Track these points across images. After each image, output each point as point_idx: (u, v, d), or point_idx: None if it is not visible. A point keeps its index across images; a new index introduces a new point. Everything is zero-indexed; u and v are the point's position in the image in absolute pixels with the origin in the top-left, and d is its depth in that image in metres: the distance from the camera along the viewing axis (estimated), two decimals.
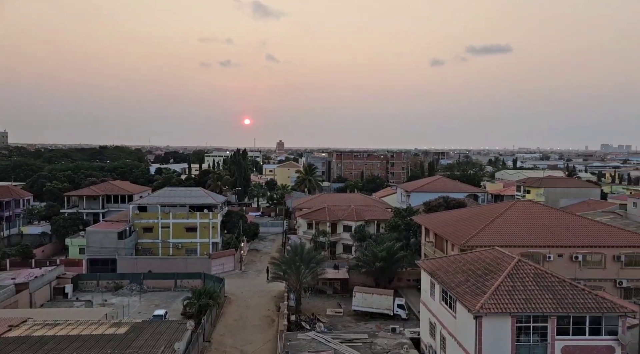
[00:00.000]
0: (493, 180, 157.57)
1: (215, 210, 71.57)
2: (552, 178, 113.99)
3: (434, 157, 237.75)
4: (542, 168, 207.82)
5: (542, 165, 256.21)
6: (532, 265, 30.20)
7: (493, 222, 46.41)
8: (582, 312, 26.32)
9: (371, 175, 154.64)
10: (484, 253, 33.95)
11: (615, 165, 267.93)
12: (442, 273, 33.03)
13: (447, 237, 47.23)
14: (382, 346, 36.08)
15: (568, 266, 43.54)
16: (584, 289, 28.06)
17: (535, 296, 27.33)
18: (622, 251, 43.51)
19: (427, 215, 59.61)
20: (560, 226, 46.36)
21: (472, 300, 27.30)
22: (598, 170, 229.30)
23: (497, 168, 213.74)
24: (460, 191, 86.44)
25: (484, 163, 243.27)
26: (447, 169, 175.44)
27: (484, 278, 29.61)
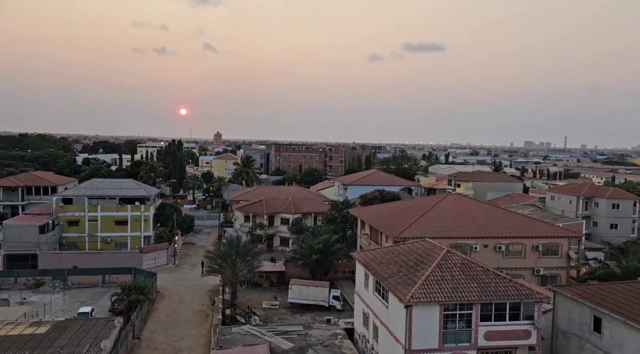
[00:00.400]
0: (426, 174, 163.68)
1: (148, 202, 68.86)
2: (480, 172, 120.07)
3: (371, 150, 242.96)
4: (472, 163, 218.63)
5: (472, 160, 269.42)
6: (460, 256, 31.63)
7: (425, 215, 48.17)
8: (504, 299, 27.94)
9: (310, 168, 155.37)
10: (415, 244, 35.11)
11: (536, 161, 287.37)
12: (376, 264, 33.81)
13: (381, 229, 48.44)
14: (317, 337, 36.46)
15: (492, 256, 46.13)
16: (505, 277, 29.79)
17: (462, 285, 28.65)
18: (540, 242, 46.73)
19: (363, 208, 60.83)
20: (486, 219, 48.95)
21: (404, 290, 28.17)
22: (521, 165, 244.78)
23: (431, 163, 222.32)
24: (396, 185, 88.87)
25: (418, 157, 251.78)
26: (384, 163, 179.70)
27: (415, 269, 30.63)
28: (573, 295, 29.24)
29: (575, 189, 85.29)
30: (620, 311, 25.87)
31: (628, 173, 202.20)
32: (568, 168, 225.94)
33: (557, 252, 47.58)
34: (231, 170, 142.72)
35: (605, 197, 78.85)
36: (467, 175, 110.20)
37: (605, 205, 78.27)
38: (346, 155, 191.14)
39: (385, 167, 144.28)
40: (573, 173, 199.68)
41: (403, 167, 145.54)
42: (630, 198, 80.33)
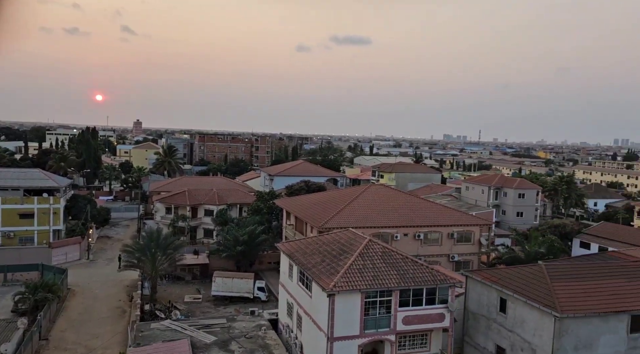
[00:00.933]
0: (352, 165, 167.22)
1: (57, 193, 64.08)
2: (402, 164, 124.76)
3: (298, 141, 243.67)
4: (395, 155, 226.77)
5: (395, 152, 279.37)
6: (381, 244, 32.60)
7: (349, 205, 49.12)
8: (421, 285, 29.21)
9: (235, 159, 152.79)
10: (339, 234, 35.69)
11: (454, 154, 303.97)
12: (300, 254, 33.95)
13: (306, 220, 48.75)
14: (241, 329, 36.05)
15: (412, 243, 48.14)
16: (422, 264, 31.16)
17: (382, 272, 29.56)
18: (455, 230, 49.47)
19: (289, 199, 60.84)
20: (406, 208, 50.90)
21: (327, 280, 28.55)
22: (440, 157, 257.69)
23: (356, 154, 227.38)
24: (322, 176, 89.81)
25: (344, 149, 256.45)
26: (310, 154, 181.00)
27: (338, 258, 31.13)
28: (482, 279, 31.27)
29: (487, 180, 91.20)
30: (522, 293, 28.05)
31: (533, 165, 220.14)
32: (481, 160, 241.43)
33: (470, 239, 50.67)
34: (152, 160, 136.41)
35: (512, 187, 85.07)
36: (390, 166, 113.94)
37: (512, 194, 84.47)
38: (273, 146, 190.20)
39: (311, 158, 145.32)
40: (486, 165, 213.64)
41: (329, 158, 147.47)
42: (533, 188, 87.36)
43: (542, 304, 26.53)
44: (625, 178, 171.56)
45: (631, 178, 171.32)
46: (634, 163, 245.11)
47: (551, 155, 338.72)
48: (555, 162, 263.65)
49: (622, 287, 28.31)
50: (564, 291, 27.39)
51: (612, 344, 26.56)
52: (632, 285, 28.62)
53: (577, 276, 29.13)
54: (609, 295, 27.63)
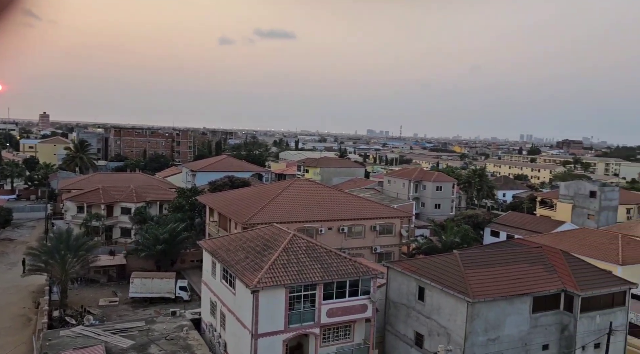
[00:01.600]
0: (277, 160, 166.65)
1: None
2: (327, 158, 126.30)
3: (222, 136, 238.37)
4: (320, 150, 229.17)
5: (320, 146, 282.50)
6: (305, 239, 32.72)
7: (274, 200, 48.84)
8: (344, 278, 29.71)
9: (155, 154, 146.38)
10: (263, 230, 35.33)
11: (377, 148, 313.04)
12: (223, 251, 33.20)
13: (230, 216, 47.82)
14: (161, 331, 34.61)
15: (336, 237, 48.90)
16: (346, 257, 31.70)
17: (307, 267, 29.68)
18: (377, 222, 50.92)
19: (212, 195, 59.34)
20: (331, 202, 51.58)
21: (250, 276, 28.15)
22: (364, 152, 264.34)
23: (281, 149, 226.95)
24: (246, 171, 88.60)
25: (269, 143, 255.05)
26: (235, 149, 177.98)
27: (262, 254, 30.81)
28: (402, 269, 32.45)
29: (407, 174, 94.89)
30: (438, 281, 29.48)
31: (449, 159, 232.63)
32: (403, 154, 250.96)
33: (392, 231, 52.44)
34: (61, 155, 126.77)
35: (431, 181, 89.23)
36: (315, 161, 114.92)
37: (430, 187, 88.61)
38: (195, 141, 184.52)
39: (236, 153, 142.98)
40: (407, 159, 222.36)
41: (254, 153, 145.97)
42: (449, 181, 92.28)
43: (456, 291, 28.04)
44: (530, 171, 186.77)
45: (534, 171, 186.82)
46: (536, 157, 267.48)
47: (465, 149, 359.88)
48: (469, 156, 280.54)
49: (525, 271, 30.67)
50: (475, 277, 29.15)
51: (517, 324, 28.72)
52: (534, 269, 31.11)
53: (487, 263, 31.11)
54: (515, 279, 29.81)
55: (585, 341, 29.45)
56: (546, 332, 29.53)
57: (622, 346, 31.32)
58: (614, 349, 30.50)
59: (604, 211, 69.69)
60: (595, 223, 68.14)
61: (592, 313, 29.72)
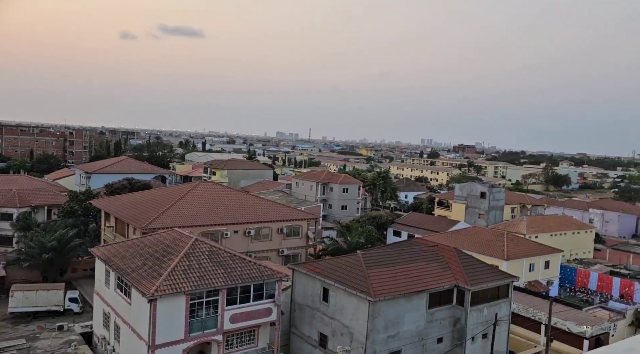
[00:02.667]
0: (183, 161, 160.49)
1: None
2: (235, 160, 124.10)
3: (123, 136, 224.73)
4: (228, 152, 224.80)
5: (229, 148, 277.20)
6: (208, 243, 31.62)
7: (176, 203, 46.75)
8: (248, 282, 29.16)
9: (44, 154, 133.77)
10: (163, 235, 33.60)
11: (286, 150, 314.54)
12: (118, 259, 31.03)
13: (128, 221, 44.94)
14: (45, 348, 31.47)
15: (242, 240, 47.99)
16: (250, 261, 31.15)
17: (209, 272, 28.70)
18: (284, 225, 50.82)
19: (109, 198, 55.42)
20: (237, 205, 50.53)
21: (148, 284, 26.57)
22: (273, 154, 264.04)
23: (188, 150, 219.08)
24: (148, 173, 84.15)
25: (175, 145, 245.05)
26: (137, 150, 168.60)
27: (162, 260, 29.27)
28: (307, 271, 32.61)
29: (315, 176, 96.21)
30: (342, 281, 30.03)
31: (356, 162, 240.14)
32: (312, 157, 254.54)
33: (299, 233, 52.63)
34: None
35: (338, 183, 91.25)
36: (223, 163, 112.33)
37: (337, 189, 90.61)
38: (92, 141, 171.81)
39: (137, 154, 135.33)
40: (315, 161, 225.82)
41: (157, 154, 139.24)
42: (356, 183, 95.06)
43: (358, 290, 28.73)
44: (429, 173, 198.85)
45: (433, 173, 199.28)
46: (436, 160, 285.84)
47: (372, 152, 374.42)
48: (375, 159, 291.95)
49: (422, 269, 32.31)
50: (377, 276, 30.11)
51: (415, 320, 30.12)
52: (431, 267, 32.89)
53: (388, 262, 32.30)
54: (413, 277, 31.26)
55: (475, 332, 31.69)
56: (441, 326, 31.31)
57: (505, 335, 34.17)
58: (499, 338, 33.17)
59: (492, 210, 76.02)
60: (485, 222, 74.09)
61: (480, 306, 32.05)
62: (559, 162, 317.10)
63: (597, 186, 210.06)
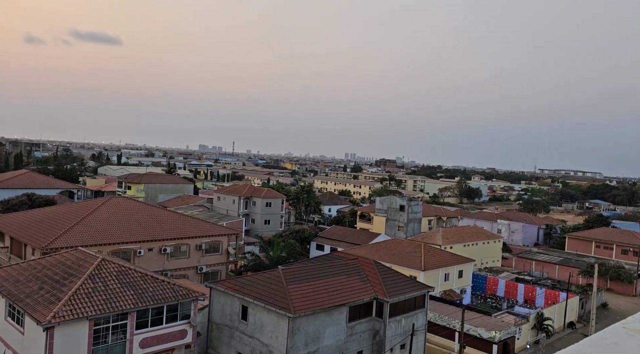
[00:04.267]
0: (95, 175, 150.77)
1: None
2: (153, 174, 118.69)
3: (26, 148, 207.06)
4: (147, 165, 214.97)
5: (147, 161, 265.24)
6: (116, 263, 29.40)
7: (83, 221, 43.43)
8: (161, 303, 27.40)
9: None
10: (65, 255, 30.78)
11: (208, 164, 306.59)
12: (10, 284, 27.86)
13: (26, 240, 40.90)
14: None
15: (158, 258, 45.46)
16: (163, 280, 29.36)
17: (117, 294, 26.61)
18: (203, 241, 48.94)
19: (3, 216, 50.20)
20: (152, 221, 47.92)
21: (44, 310, 24.03)
22: (195, 167, 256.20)
23: (101, 163, 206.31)
24: (53, 188, 77.73)
25: (86, 157, 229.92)
26: (43, 162, 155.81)
27: (62, 284, 26.69)
28: (225, 289, 31.39)
29: (238, 190, 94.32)
30: (261, 298, 29.19)
31: (281, 175, 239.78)
32: (235, 171, 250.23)
33: (219, 249, 50.90)
34: None
35: (261, 197, 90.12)
36: (139, 176, 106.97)
37: (260, 203, 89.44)
38: None
39: (42, 167, 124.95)
40: (239, 175, 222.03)
41: (65, 167, 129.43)
42: (279, 197, 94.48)
43: (278, 307, 28.04)
44: (352, 187, 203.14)
45: (356, 187, 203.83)
46: (359, 174, 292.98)
47: (296, 166, 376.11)
48: (299, 172, 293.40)
49: (342, 283, 32.33)
50: (297, 292, 29.63)
51: (335, 334, 29.93)
52: (351, 280, 33.01)
53: (308, 277, 31.95)
54: (333, 291, 31.15)
55: (393, 343, 32.13)
56: (360, 339, 31.39)
57: (422, 345, 35.04)
58: (416, 347, 33.92)
59: (411, 223, 78.79)
60: (404, 234, 76.54)
61: (398, 317, 32.62)
62: (471, 176, 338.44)
63: (505, 199, 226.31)
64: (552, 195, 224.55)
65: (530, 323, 46.03)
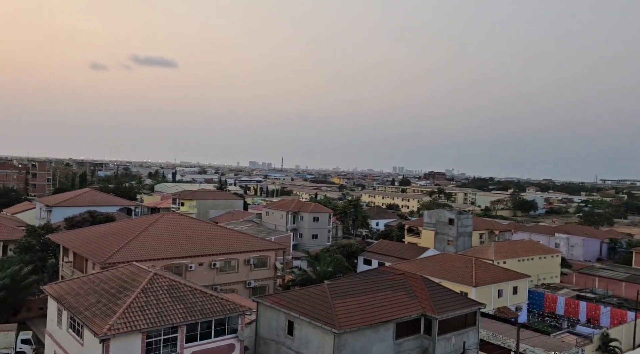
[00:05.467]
0: (152, 193, 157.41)
1: None
2: (205, 191, 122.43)
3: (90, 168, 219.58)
4: (199, 182, 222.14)
5: (200, 178, 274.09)
6: (168, 277, 30.47)
7: (138, 236, 45.33)
8: (209, 317, 28.07)
9: (4, 188, 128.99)
10: (120, 269, 32.28)
11: (258, 180, 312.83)
12: (71, 297, 29.51)
13: (87, 255, 43.17)
14: None
15: (208, 273, 46.67)
16: (212, 295, 30.09)
17: (168, 308, 27.56)
18: (251, 256, 49.79)
19: (68, 232, 53.35)
20: (202, 237, 49.33)
21: (100, 323, 25.24)
22: (245, 183, 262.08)
23: (157, 181, 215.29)
24: (112, 205, 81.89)
25: (144, 175, 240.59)
26: (105, 181, 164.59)
27: (117, 297, 27.98)
28: (272, 304, 31.69)
29: (285, 205, 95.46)
30: (307, 314, 29.24)
31: (329, 190, 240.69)
32: (284, 186, 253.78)
33: (266, 264, 51.59)
34: None
35: (308, 211, 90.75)
36: (192, 193, 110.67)
37: (308, 218, 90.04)
38: (57, 173, 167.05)
39: (103, 186, 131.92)
40: (287, 190, 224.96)
41: (124, 185, 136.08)
42: (326, 211, 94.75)
43: (323, 322, 27.99)
44: (400, 201, 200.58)
45: (404, 201, 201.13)
46: (407, 188, 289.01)
47: (344, 180, 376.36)
48: (347, 187, 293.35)
49: (389, 298, 31.85)
50: (343, 307, 29.48)
51: (382, 351, 29.44)
52: (397, 296, 32.47)
53: (354, 292, 31.73)
54: (379, 307, 30.74)
55: None
56: None
57: None
58: None
59: (461, 237, 76.65)
60: (454, 248, 74.53)
61: (448, 335, 31.66)
62: (525, 187, 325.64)
63: (563, 211, 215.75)
64: (616, 206, 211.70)
65: (595, 344, 43.32)
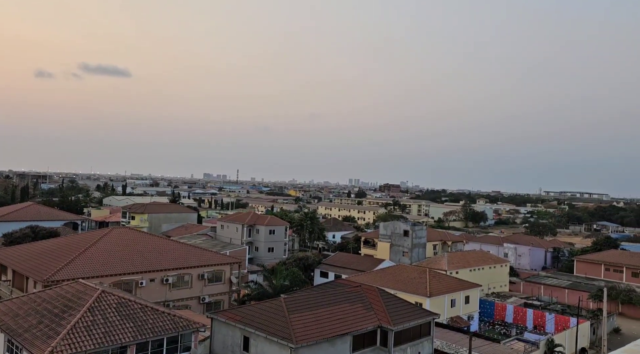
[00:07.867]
0: (100, 206, 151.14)
1: None
2: (157, 204, 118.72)
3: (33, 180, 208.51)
4: (151, 195, 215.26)
5: (152, 191, 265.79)
6: (116, 295, 29.14)
7: (85, 252, 43.30)
8: (161, 335, 27.00)
9: None
10: (64, 288, 30.58)
11: (213, 192, 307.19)
12: (10, 318, 27.62)
13: (27, 273, 40.73)
14: None
15: (160, 289, 45.06)
16: (164, 312, 29.00)
17: (116, 327, 26.29)
18: (205, 270, 48.54)
19: (6, 249, 50.18)
20: (154, 251, 47.68)
21: (42, 345, 23.73)
22: (199, 196, 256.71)
23: (106, 194, 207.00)
24: (57, 219, 77.96)
25: (92, 188, 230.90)
26: (49, 194, 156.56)
27: (61, 317, 26.44)
28: (227, 319, 30.91)
29: (241, 218, 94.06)
30: (263, 328, 28.69)
31: (285, 202, 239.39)
32: (239, 198, 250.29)
33: (221, 278, 50.44)
34: None
35: (264, 224, 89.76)
36: (143, 206, 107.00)
37: (264, 231, 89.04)
38: None
39: (46, 199, 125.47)
40: (243, 203, 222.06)
41: (70, 198, 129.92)
42: (282, 224, 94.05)
43: (280, 337, 27.54)
44: (356, 213, 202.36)
45: (360, 213, 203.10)
46: (363, 200, 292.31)
47: (300, 193, 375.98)
48: (303, 199, 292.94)
49: (345, 311, 31.80)
50: (299, 321, 29.13)
51: None
52: (354, 308, 32.48)
53: (311, 306, 31.47)
54: (336, 320, 30.60)
55: None
56: None
57: None
58: None
59: (415, 248, 77.98)
60: (409, 260, 75.66)
61: (403, 346, 31.92)
62: (476, 199, 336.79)
63: (510, 222, 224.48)
64: (559, 217, 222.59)
65: (541, 349, 44.90)
